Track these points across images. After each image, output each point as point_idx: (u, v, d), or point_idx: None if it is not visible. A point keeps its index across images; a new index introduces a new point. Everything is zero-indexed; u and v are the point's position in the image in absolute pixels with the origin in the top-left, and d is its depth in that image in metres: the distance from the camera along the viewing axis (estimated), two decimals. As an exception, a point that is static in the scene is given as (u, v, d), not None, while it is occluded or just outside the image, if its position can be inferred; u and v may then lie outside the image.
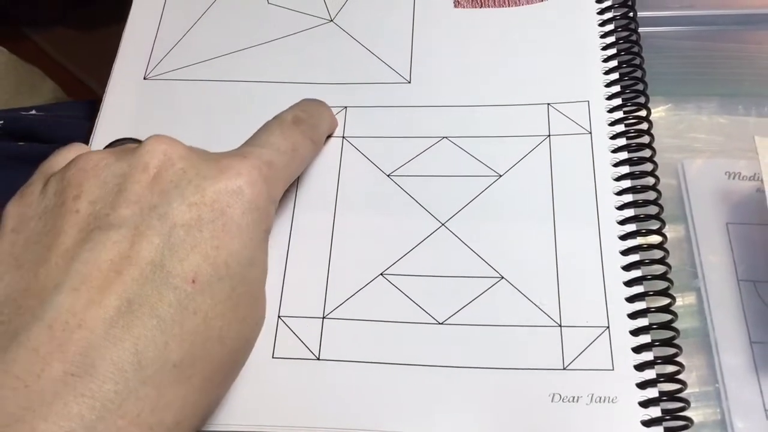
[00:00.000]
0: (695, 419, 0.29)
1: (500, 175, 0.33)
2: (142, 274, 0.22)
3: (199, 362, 0.23)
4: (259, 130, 0.30)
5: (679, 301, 0.33)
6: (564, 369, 0.29)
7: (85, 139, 0.36)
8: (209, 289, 0.23)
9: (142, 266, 0.23)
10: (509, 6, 0.38)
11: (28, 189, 0.26)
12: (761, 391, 0.31)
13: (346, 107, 0.35)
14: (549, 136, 0.34)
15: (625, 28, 0.36)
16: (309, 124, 0.31)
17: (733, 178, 0.36)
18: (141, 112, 0.36)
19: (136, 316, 0.22)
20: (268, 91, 0.36)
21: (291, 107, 0.32)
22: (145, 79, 0.37)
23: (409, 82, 0.36)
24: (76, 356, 0.21)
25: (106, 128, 0.36)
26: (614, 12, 0.37)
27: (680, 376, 0.28)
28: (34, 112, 0.41)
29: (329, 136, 0.34)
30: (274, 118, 0.31)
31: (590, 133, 0.34)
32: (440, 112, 0.35)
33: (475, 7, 0.38)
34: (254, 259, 0.25)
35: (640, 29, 0.36)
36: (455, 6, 0.38)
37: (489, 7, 0.38)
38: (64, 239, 0.23)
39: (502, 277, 0.31)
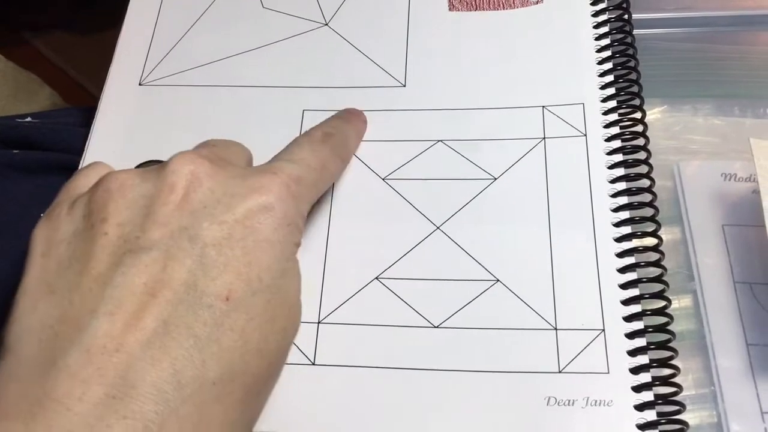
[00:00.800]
0: (691, 422, 0.29)
1: (495, 178, 0.33)
2: (176, 295, 0.23)
3: (239, 377, 0.23)
4: (289, 145, 0.30)
5: (675, 304, 0.33)
6: (560, 372, 0.29)
7: (81, 146, 0.36)
8: (244, 304, 0.24)
9: (176, 288, 0.23)
10: (504, 8, 0.38)
11: (54, 212, 0.26)
12: (757, 394, 0.31)
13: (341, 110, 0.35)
14: (544, 138, 0.34)
15: (620, 30, 0.36)
16: (338, 141, 0.31)
17: (729, 180, 0.36)
18: (136, 119, 0.36)
19: (172, 337, 0.22)
20: (263, 96, 0.36)
21: (321, 123, 0.32)
22: (140, 85, 0.37)
23: (404, 86, 0.36)
24: (115, 379, 0.21)
25: (102, 135, 0.36)
26: (609, 14, 0.37)
27: (676, 379, 0.28)
28: (29, 119, 0.41)
29: None
30: (304, 133, 0.31)
31: (585, 135, 0.34)
32: (435, 115, 0.35)
33: (470, 10, 0.38)
34: (286, 271, 0.25)
35: (636, 31, 0.36)
36: (450, 9, 0.38)
37: (483, 9, 0.38)
38: (96, 264, 0.23)
39: (498, 280, 0.31)
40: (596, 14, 0.37)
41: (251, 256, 0.24)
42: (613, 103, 0.34)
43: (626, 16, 0.36)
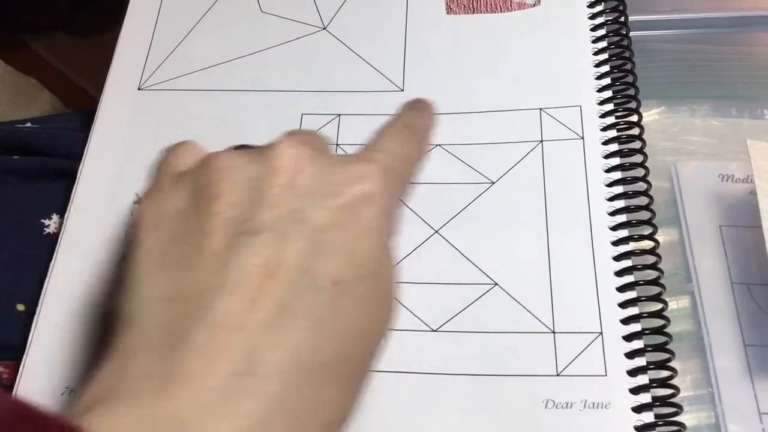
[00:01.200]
0: (689, 423, 0.29)
1: (493, 182, 0.33)
2: (291, 277, 0.23)
3: (346, 362, 0.23)
4: (378, 137, 0.30)
5: (673, 305, 0.33)
6: (557, 375, 0.29)
7: (81, 151, 0.36)
8: (351, 290, 0.24)
9: (290, 270, 0.23)
10: (501, 11, 0.38)
11: (158, 187, 0.27)
12: (755, 395, 0.31)
13: (339, 115, 0.36)
14: (542, 141, 0.34)
15: (616, 32, 0.36)
16: (420, 134, 0.31)
17: (727, 181, 0.36)
18: (135, 123, 0.36)
19: (289, 318, 0.22)
20: (261, 100, 0.36)
21: (401, 116, 0.32)
22: (139, 89, 0.37)
23: (402, 90, 0.36)
24: (239, 357, 0.21)
25: (101, 140, 0.36)
26: (605, 17, 0.37)
27: (674, 380, 0.29)
28: (29, 124, 0.41)
29: None
30: (387, 126, 0.31)
31: (582, 138, 0.34)
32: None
33: (468, 13, 0.38)
34: (384, 259, 0.26)
35: (633, 33, 0.36)
36: (447, 12, 0.38)
37: (481, 12, 0.38)
38: (210, 241, 0.23)
39: (496, 284, 0.31)
40: (593, 16, 0.37)
41: (356, 243, 0.24)
42: (609, 106, 0.34)
43: (623, 19, 0.36)
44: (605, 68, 0.35)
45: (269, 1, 0.40)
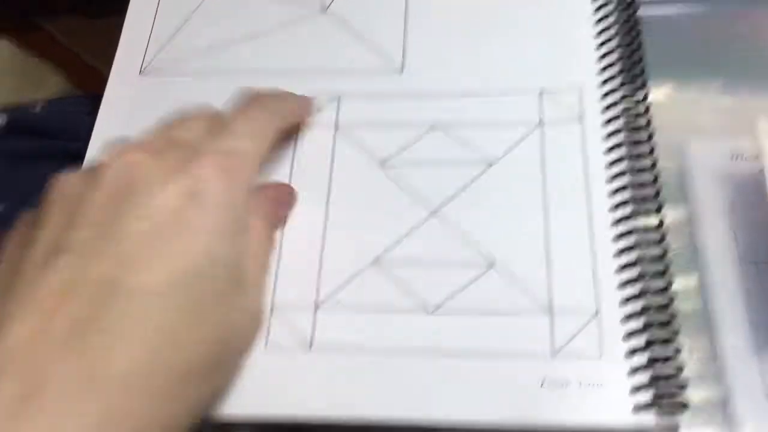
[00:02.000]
0: (696, 401, 0.29)
1: (492, 164, 0.33)
2: (91, 294, 0.23)
3: (158, 371, 0.23)
4: (223, 118, 0.29)
5: (680, 283, 0.33)
6: (554, 355, 0.29)
7: (88, 135, 0.36)
8: (162, 298, 0.24)
9: (90, 286, 0.23)
10: None
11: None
12: (762, 373, 0.31)
13: (339, 96, 0.36)
14: (541, 123, 0.34)
15: (624, 9, 0.36)
16: (269, 103, 0.31)
17: (737, 159, 0.36)
18: (137, 108, 0.37)
19: (86, 334, 0.22)
20: (261, 82, 0.36)
21: (248, 93, 0.32)
22: (140, 74, 0.38)
23: (402, 72, 0.36)
24: (29, 378, 0.21)
25: (104, 124, 0.36)
26: (613, -7, 0.36)
27: (680, 358, 0.28)
28: (39, 108, 0.41)
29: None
30: (233, 103, 0.30)
31: (582, 119, 0.33)
32: (432, 101, 0.35)
33: None
34: (217, 261, 0.25)
35: (641, 10, 0.36)
36: None
37: None
38: (25, 266, 0.24)
39: (493, 265, 0.31)
40: (599, -7, 0.36)
41: (179, 246, 0.24)
42: (615, 84, 0.34)
43: (631, -4, 0.36)
44: (611, 45, 0.35)
45: None
